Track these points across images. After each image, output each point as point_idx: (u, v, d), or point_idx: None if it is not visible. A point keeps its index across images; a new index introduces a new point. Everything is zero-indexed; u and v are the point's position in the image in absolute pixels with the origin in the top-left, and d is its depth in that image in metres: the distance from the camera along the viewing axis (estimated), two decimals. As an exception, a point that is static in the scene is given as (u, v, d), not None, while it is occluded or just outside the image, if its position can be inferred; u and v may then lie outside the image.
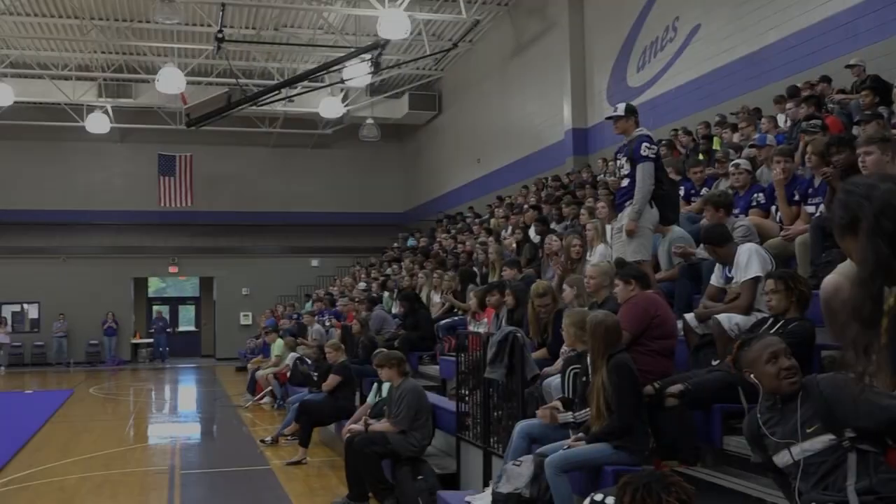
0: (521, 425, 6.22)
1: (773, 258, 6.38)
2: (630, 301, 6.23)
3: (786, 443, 3.57)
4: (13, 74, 28.25)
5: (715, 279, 6.68)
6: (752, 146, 10.30)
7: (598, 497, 3.85)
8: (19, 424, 14.50)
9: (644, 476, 3.14)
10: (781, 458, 3.60)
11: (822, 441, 3.43)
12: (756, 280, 6.03)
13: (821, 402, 3.49)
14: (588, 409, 5.76)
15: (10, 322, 31.46)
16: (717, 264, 6.70)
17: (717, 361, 5.78)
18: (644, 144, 7.70)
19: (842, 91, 11.87)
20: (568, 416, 5.95)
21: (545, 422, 6.02)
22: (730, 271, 6.44)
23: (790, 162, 7.62)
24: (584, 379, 5.91)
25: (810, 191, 7.34)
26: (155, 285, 37.89)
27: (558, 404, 6.13)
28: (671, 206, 7.80)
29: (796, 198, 7.46)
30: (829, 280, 5.66)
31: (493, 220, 18.37)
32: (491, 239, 15.57)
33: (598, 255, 9.10)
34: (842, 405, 3.37)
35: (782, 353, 3.72)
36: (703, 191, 9.82)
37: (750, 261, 6.11)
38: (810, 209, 7.29)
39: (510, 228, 15.68)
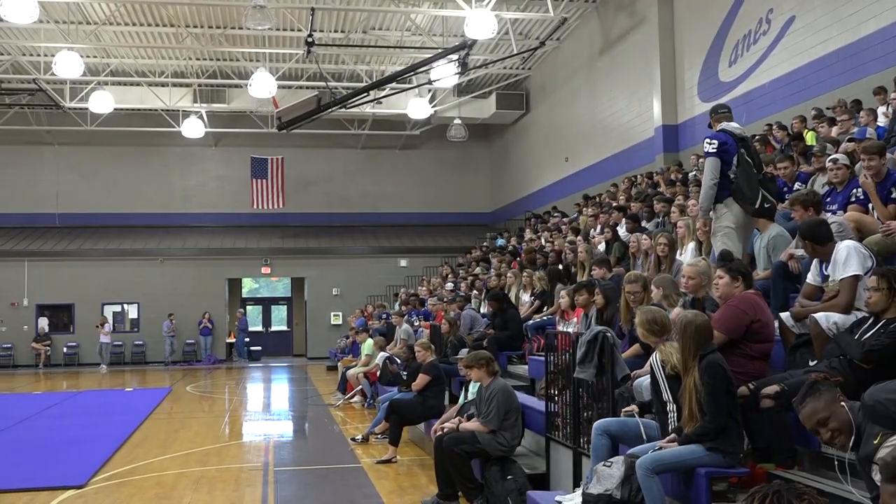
0: (599, 422, 6.18)
1: (875, 255, 6.16)
2: (730, 303, 6.07)
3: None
4: (113, 82, 29.23)
5: (811, 277, 6.49)
6: (850, 140, 9.96)
7: None
8: (121, 421, 14.97)
9: (774, 485, 3.00)
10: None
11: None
12: (855, 278, 5.84)
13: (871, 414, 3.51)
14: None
15: (111, 322, 32.48)
16: (815, 262, 6.51)
17: (815, 362, 5.62)
18: (706, 140, 7.62)
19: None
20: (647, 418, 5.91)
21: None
22: (826, 269, 6.25)
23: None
24: (652, 380, 5.84)
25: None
26: (248, 286, 38.67)
27: (635, 408, 6.13)
28: (743, 198, 7.61)
29: (894, 195, 7.19)
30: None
31: (581, 219, 18.21)
32: (579, 238, 15.44)
33: (689, 253, 8.95)
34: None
35: (826, 422, 3.85)
36: (797, 186, 9.55)
37: (848, 258, 5.91)
38: None
39: (599, 227, 15.53)
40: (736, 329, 5.82)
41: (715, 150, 7.56)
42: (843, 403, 3.79)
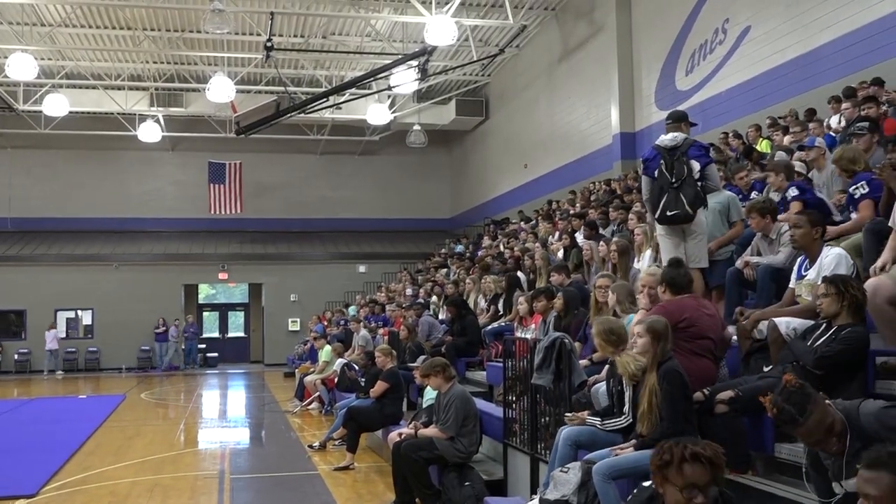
0: (567, 432, 6.16)
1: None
2: (655, 308, 6.18)
3: (835, 476, 3.54)
4: (68, 85, 28.85)
5: (793, 280, 6.52)
6: (800, 149, 10.13)
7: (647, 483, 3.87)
8: (73, 429, 14.73)
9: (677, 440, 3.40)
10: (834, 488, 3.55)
11: None
12: None
13: (865, 440, 3.38)
14: (616, 419, 5.79)
15: (65, 328, 32.01)
16: (796, 265, 6.54)
17: (769, 367, 5.68)
18: None
19: (896, 91, 11.64)
20: (595, 421, 5.91)
21: (573, 423, 6.05)
22: (806, 269, 6.30)
23: (759, 218, 7.49)
24: (618, 388, 5.86)
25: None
26: (205, 292, 38.32)
27: (580, 416, 6.17)
28: (650, 207, 7.93)
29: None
30: (871, 281, 5.60)
31: (541, 226, 18.29)
32: (538, 244, 15.51)
33: (646, 261, 9.01)
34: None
35: (833, 428, 3.64)
36: (753, 195, 9.67)
37: (837, 265, 5.99)
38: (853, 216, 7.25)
39: (557, 234, 15.61)
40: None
41: (642, 169, 7.80)
42: (829, 403, 3.68)
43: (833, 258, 6.06)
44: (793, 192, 7.91)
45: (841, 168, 7.42)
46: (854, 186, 7.17)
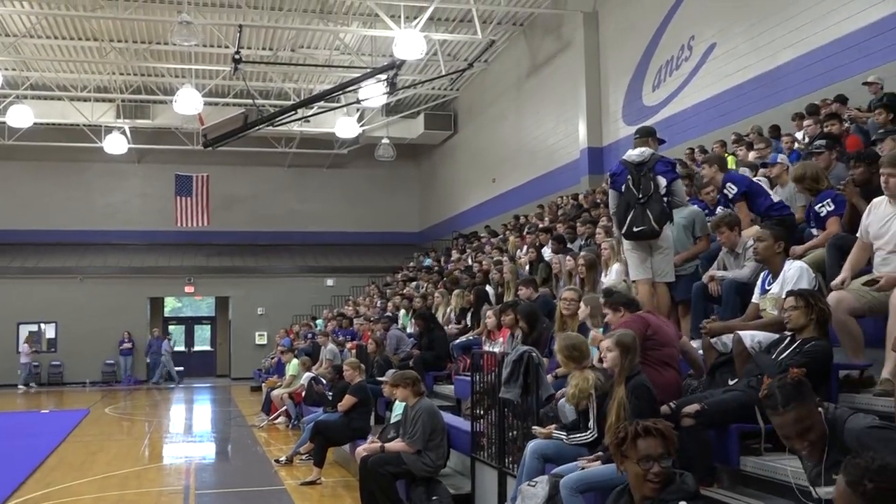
0: (534, 445, 6.18)
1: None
2: (619, 325, 6.23)
3: (812, 481, 3.55)
4: (33, 96, 28.56)
5: (756, 295, 6.60)
6: (763, 165, 10.27)
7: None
8: (35, 444, 14.53)
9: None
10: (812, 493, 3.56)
11: None
12: None
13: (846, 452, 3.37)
14: (583, 434, 5.76)
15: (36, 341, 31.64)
16: (759, 280, 6.62)
17: (735, 381, 5.74)
18: None
19: (858, 109, 11.82)
20: (561, 435, 5.94)
21: (540, 437, 6.08)
22: (769, 283, 6.38)
23: (728, 232, 7.59)
24: (585, 405, 5.89)
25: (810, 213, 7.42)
26: (171, 305, 38.01)
27: (547, 431, 6.19)
28: (616, 223, 7.99)
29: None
30: (833, 294, 5.69)
31: (510, 240, 18.34)
32: (506, 258, 15.55)
33: (614, 275, 9.07)
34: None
35: (809, 432, 3.62)
36: (718, 210, 9.76)
37: (800, 278, 6.07)
38: (813, 231, 7.40)
39: (525, 248, 15.66)
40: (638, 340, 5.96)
41: (609, 184, 7.86)
42: (820, 409, 3.65)
43: (795, 271, 6.15)
44: (732, 188, 8.03)
45: (804, 187, 7.53)
46: (819, 204, 7.27)
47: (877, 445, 3.25)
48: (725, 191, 8.23)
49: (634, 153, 7.88)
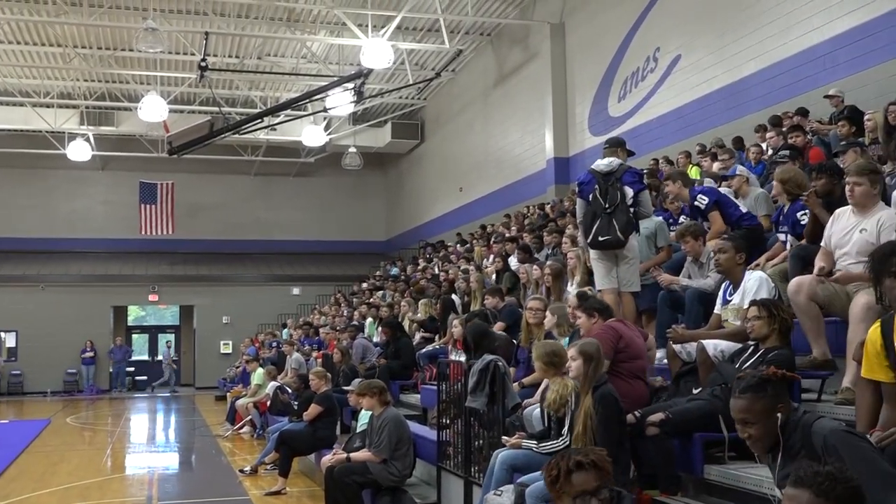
0: (503, 455, 6.17)
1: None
2: (591, 334, 6.24)
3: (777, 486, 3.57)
4: (-6, 102, 28.20)
5: (718, 306, 6.66)
6: (723, 178, 10.38)
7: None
8: (-5, 454, 14.30)
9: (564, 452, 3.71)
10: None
11: None
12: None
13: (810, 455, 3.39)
14: (554, 441, 5.78)
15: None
16: (721, 291, 6.68)
17: (699, 390, 5.78)
18: None
19: (819, 122, 11.99)
20: (531, 444, 5.95)
21: (510, 446, 6.07)
22: (730, 294, 6.44)
23: (692, 241, 7.67)
24: (561, 412, 5.90)
25: (781, 218, 7.44)
26: (135, 314, 37.63)
27: (514, 441, 6.17)
28: (582, 231, 8.01)
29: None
30: (795, 279, 5.77)
31: (477, 250, 18.37)
32: (472, 267, 15.57)
33: (575, 285, 9.10)
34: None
35: (749, 426, 3.62)
36: (682, 219, 9.85)
37: (759, 288, 6.13)
38: (781, 237, 7.44)
39: (491, 257, 15.69)
40: (609, 352, 5.97)
41: (576, 192, 7.90)
42: (779, 414, 3.58)
43: (755, 282, 6.22)
44: (703, 200, 8.07)
45: (786, 189, 7.53)
46: (802, 212, 7.37)
47: (842, 449, 3.28)
48: (696, 203, 8.26)
49: (603, 163, 7.93)
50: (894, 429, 3.76)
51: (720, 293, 6.67)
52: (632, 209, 7.73)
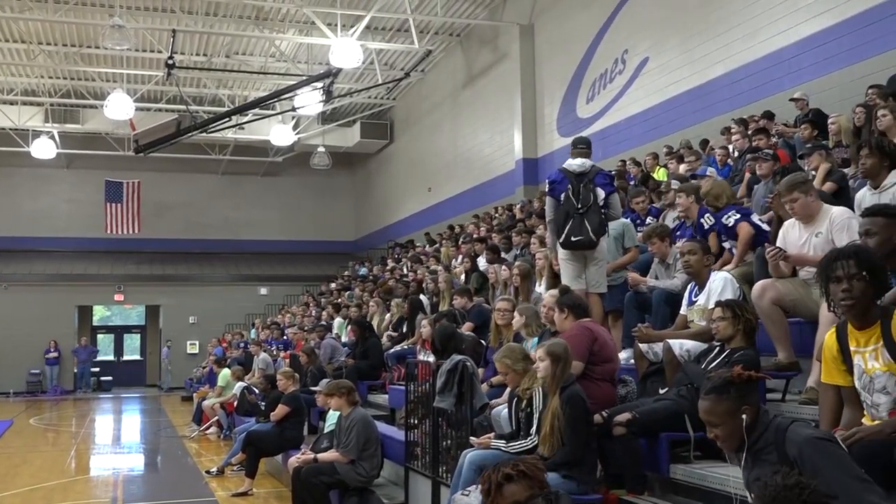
0: (472, 456, 6.17)
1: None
2: (568, 334, 6.26)
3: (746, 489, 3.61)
4: (-44, 98, 27.80)
5: (684, 307, 6.71)
6: (693, 178, 10.46)
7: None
8: (-44, 456, 14.10)
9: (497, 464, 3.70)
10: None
11: None
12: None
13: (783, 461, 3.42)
14: (523, 441, 5.80)
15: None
16: (687, 292, 6.74)
17: (665, 390, 5.81)
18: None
19: (785, 124, 12.12)
20: (500, 444, 5.96)
21: (478, 447, 6.07)
22: (696, 295, 6.48)
23: (658, 242, 7.72)
24: (527, 410, 5.90)
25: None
26: (100, 313, 37.28)
27: (482, 441, 6.18)
28: (554, 230, 7.95)
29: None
30: (758, 283, 5.84)
31: (444, 250, 18.38)
32: (440, 268, 15.57)
33: (544, 286, 9.12)
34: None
35: (714, 427, 3.66)
36: (649, 220, 9.92)
37: (724, 289, 6.17)
38: (725, 245, 7.59)
39: (460, 258, 15.71)
40: (584, 354, 5.98)
41: (547, 190, 7.88)
42: (743, 416, 3.57)
43: (720, 282, 6.27)
44: (735, 215, 7.85)
45: (708, 203, 7.68)
46: (726, 216, 7.46)
47: (817, 457, 3.30)
48: (703, 221, 8.13)
49: (575, 163, 7.95)
50: (856, 429, 3.81)
51: (686, 294, 6.73)
52: (603, 211, 7.77)
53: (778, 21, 13.89)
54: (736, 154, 11.77)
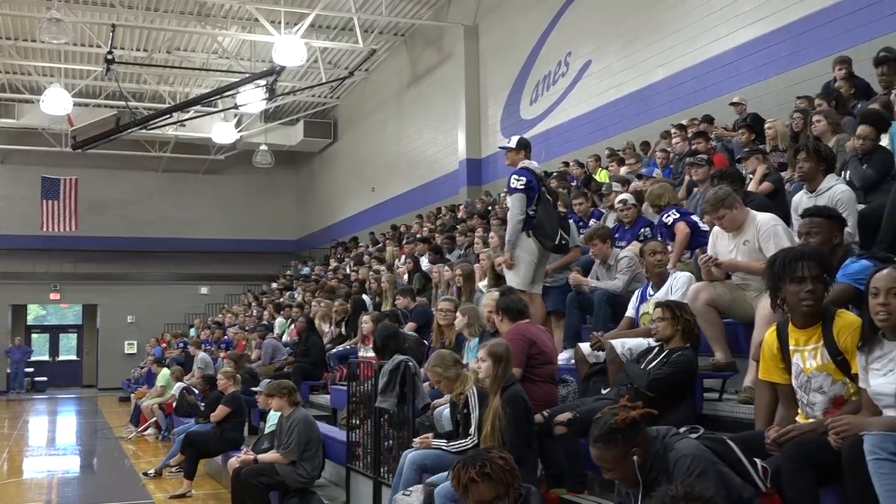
0: (412, 456, 6.17)
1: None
2: (504, 337, 6.27)
3: None
4: None
5: (631, 308, 6.77)
6: (639, 177, 10.58)
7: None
8: None
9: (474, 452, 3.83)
10: None
11: None
12: None
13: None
14: (462, 441, 5.81)
15: None
16: (638, 292, 6.81)
17: (607, 390, 5.87)
18: (513, 177, 7.77)
19: (724, 128, 12.31)
20: (441, 444, 5.97)
21: (419, 447, 6.08)
22: (650, 295, 6.55)
23: (600, 244, 7.81)
24: (465, 411, 5.92)
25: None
26: (35, 312, 36.50)
27: (430, 435, 6.20)
28: (544, 234, 7.86)
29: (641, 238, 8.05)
30: (693, 286, 5.94)
31: (388, 250, 18.34)
32: (384, 268, 15.54)
33: (487, 285, 9.15)
34: None
35: (609, 471, 3.79)
36: (591, 222, 10.02)
37: (687, 287, 6.25)
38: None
39: (403, 258, 15.69)
40: (521, 360, 5.99)
41: (522, 187, 7.71)
42: (635, 457, 3.67)
43: (684, 280, 6.37)
44: (675, 214, 7.97)
45: (650, 203, 7.80)
46: (666, 215, 7.63)
47: (684, 476, 3.45)
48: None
49: (535, 164, 7.99)
50: (790, 426, 3.89)
51: (637, 293, 6.81)
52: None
53: (717, 27, 14.13)
54: (676, 157, 11.92)
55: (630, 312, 6.79)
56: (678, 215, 7.57)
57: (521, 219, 7.65)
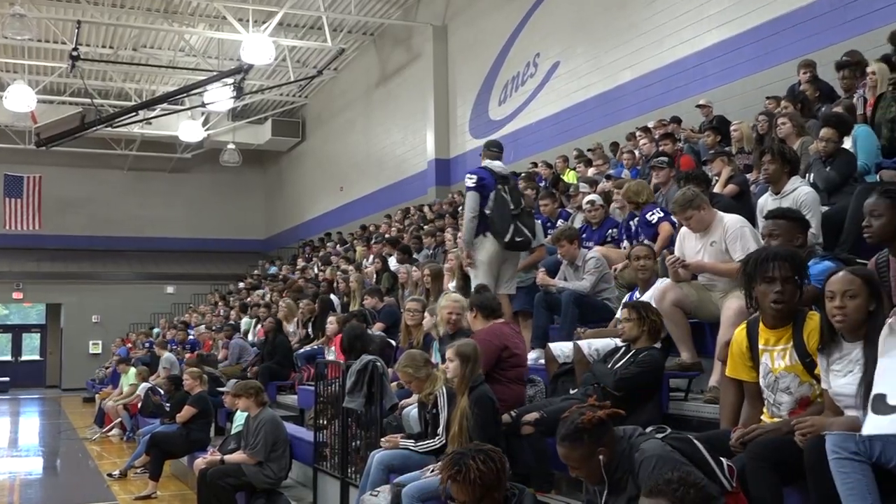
0: (380, 456, 6.16)
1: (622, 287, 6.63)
2: (477, 337, 6.27)
3: None
4: None
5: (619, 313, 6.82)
6: (607, 177, 10.64)
7: None
8: None
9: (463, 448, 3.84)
10: None
11: None
12: None
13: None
14: (430, 441, 5.81)
15: None
16: (626, 297, 6.85)
17: (575, 390, 5.89)
18: (467, 175, 7.89)
19: (691, 130, 12.42)
20: (409, 444, 5.97)
21: (387, 447, 6.07)
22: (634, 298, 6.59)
23: (567, 245, 7.83)
24: (433, 411, 5.92)
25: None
26: (-3, 312, 36.08)
27: (398, 436, 6.21)
28: (496, 233, 7.89)
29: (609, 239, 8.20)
30: (659, 286, 5.99)
31: (358, 250, 18.30)
32: (352, 268, 15.51)
33: (455, 286, 9.16)
34: None
35: (575, 470, 3.83)
36: (559, 223, 10.05)
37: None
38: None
39: (371, 257, 15.67)
40: (490, 363, 5.99)
41: (475, 185, 7.81)
42: (601, 457, 3.70)
43: (661, 282, 6.41)
44: (659, 213, 7.96)
45: (628, 200, 7.86)
46: (650, 213, 7.66)
47: (653, 461, 3.50)
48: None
49: (498, 165, 8.01)
50: (755, 426, 3.94)
51: (625, 298, 6.83)
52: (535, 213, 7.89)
53: (683, 30, 14.26)
54: (643, 159, 11.99)
55: (619, 316, 6.84)
56: (662, 214, 7.59)
57: (472, 216, 7.75)
